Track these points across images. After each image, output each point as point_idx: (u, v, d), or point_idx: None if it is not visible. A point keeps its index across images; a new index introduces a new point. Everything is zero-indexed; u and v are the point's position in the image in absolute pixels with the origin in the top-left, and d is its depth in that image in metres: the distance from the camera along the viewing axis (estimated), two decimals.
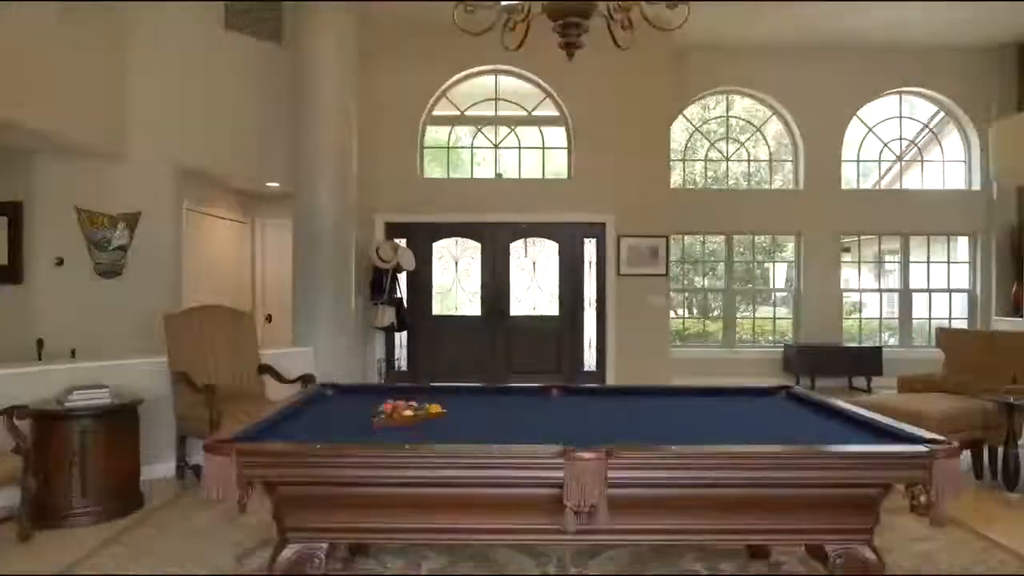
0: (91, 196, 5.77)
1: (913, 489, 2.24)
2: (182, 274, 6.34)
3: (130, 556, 3.28)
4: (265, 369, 4.96)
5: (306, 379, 4.66)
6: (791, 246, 9.18)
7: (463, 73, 8.14)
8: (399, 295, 7.68)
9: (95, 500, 3.75)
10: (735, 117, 9.19)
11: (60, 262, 5.67)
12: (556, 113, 8.26)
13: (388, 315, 7.47)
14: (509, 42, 3.26)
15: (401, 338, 8.17)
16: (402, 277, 8.02)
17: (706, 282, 9.30)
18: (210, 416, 4.14)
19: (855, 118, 9.10)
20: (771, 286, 9.29)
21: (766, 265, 9.36)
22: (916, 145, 9.36)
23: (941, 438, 2.29)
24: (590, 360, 8.21)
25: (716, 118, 9.24)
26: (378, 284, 7.53)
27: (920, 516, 2.27)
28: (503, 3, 3.15)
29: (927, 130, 9.33)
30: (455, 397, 3.26)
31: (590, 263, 8.19)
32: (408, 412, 2.72)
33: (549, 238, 8.18)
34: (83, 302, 5.71)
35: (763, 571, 3.15)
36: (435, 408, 2.82)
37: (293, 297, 5.48)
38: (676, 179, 8.97)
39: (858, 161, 9.21)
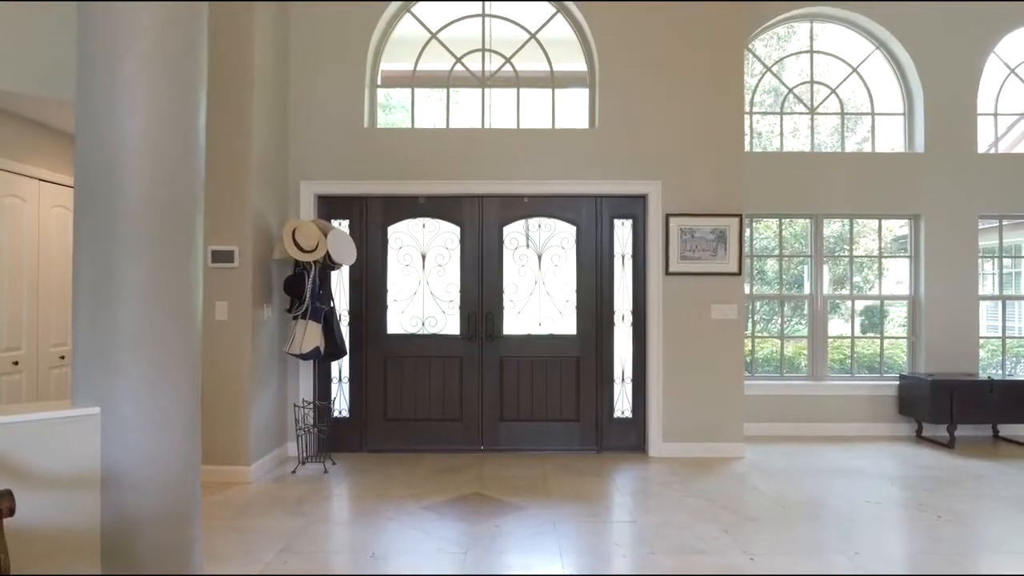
0: None
1: None
2: None
3: None
4: None
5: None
6: (906, 233, 6.48)
7: None
8: (331, 304, 5.00)
9: None
10: (822, 53, 6.50)
11: None
12: (572, 33, 5.60)
13: (311, 335, 4.78)
14: None
15: (340, 369, 5.48)
16: (339, 275, 5.36)
17: (801, 284, 6.57)
18: None
19: (993, 55, 6.42)
20: (878, 292, 6.55)
21: (878, 259, 6.62)
22: None
23: None
24: (623, 402, 5.50)
25: (795, 53, 6.55)
26: (296, 286, 4.85)
27: None
28: None
29: None
30: None
31: (623, 256, 5.51)
32: None
33: (562, 219, 5.50)
34: None
35: None
36: None
37: (73, 315, 2.81)
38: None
39: (995, 115, 6.52)
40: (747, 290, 6.28)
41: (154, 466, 2.81)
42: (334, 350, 4.98)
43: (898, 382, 6.18)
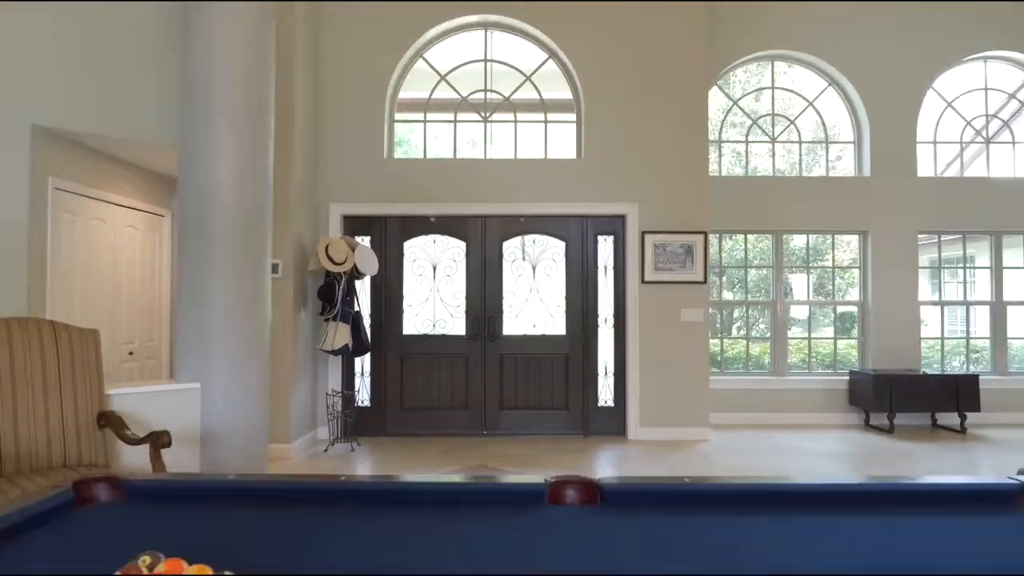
0: None
1: None
2: (47, 275, 4.57)
3: None
4: (107, 417, 3.15)
5: (157, 439, 2.86)
6: (855, 247, 7.38)
7: (443, 26, 6.42)
8: (357, 308, 5.89)
9: None
10: (782, 89, 7.43)
11: None
12: (562, 74, 6.52)
13: (341, 334, 5.67)
14: None
15: (362, 364, 6.37)
16: (362, 285, 6.25)
17: (764, 292, 7.45)
18: None
19: (931, 90, 7.35)
20: (832, 298, 7.46)
21: (832, 269, 7.52)
22: (1002, 120, 7.56)
23: None
24: (606, 393, 6.39)
25: (758, 90, 7.47)
26: (328, 293, 5.75)
27: None
28: None
29: (1013, 99, 7.55)
30: (370, 510, 1.48)
31: (606, 267, 6.41)
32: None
33: (553, 235, 6.41)
34: None
35: None
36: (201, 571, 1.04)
37: (175, 311, 3.72)
38: (711, 164, 7.22)
39: (935, 143, 7.44)
40: (719, 297, 7.17)
41: (237, 428, 3.69)
42: (359, 347, 5.87)
43: (848, 377, 7.06)
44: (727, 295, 7.41)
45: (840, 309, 7.42)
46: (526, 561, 1.30)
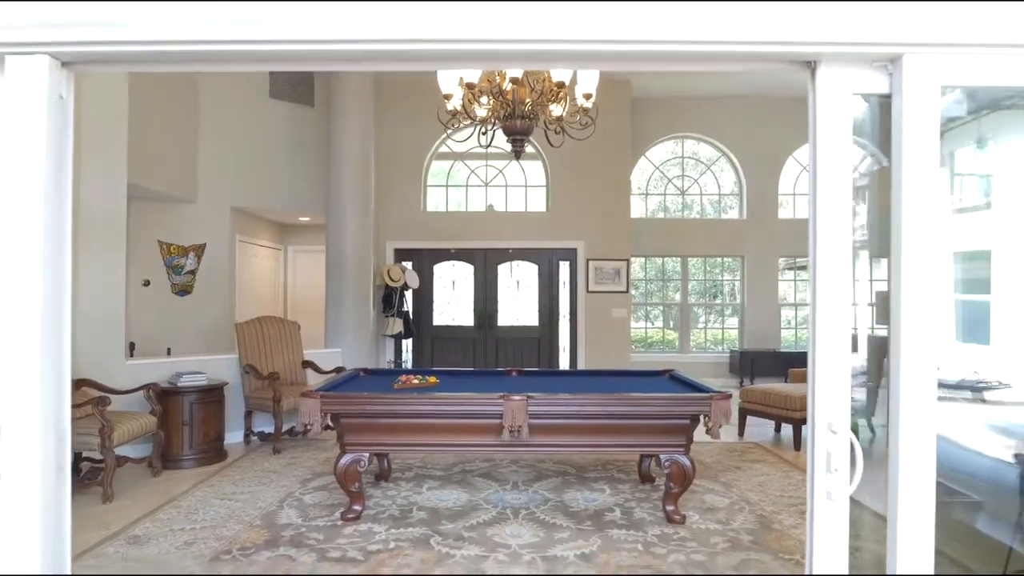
0: (170, 231, 7.48)
1: (705, 420, 3.90)
2: (235, 292, 8.04)
3: (231, 482, 4.93)
4: (307, 363, 6.62)
5: (338, 370, 6.32)
6: (737, 266, 10.83)
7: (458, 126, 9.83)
8: (406, 308, 9.34)
9: (197, 451, 5.41)
10: (691, 158, 10.88)
11: (147, 283, 7.36)
12: (535, 152, 9.96)
13: (397, 325, 9.14)
14: (484, 142, 4.97)
15: (407, 344, 9.83)
16: (408, 294, 9.70)
17: (676, 296, 10.91)
18: (273, 396, 5.80)
19: (791, 158, 10.78)
20: (722, 300, 10.94)
21: (722, 281, 11.00)
22: None
23: (720, 390, 3.96)
24: (564, 362, 9.85)
25: (675, 158, 10.93)
26: (388, 299, 9.21)
27: (709, 434, 3.92)
28: (478, 118, 4.86)
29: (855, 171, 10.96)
30: (447, 375, 4.95)
31: (564, 282, 9.86)
32: (415, 380, 4.40)
33: (530, 261, 9.85)
34: (163, 314, 7.41)
35: (648, 488, 4.76)
36: (432, 379, 4.50)
37: (325, 309, 7.18)
38: (641, 210, 10.67)
39: (794, 195, 10.88)
40: (645, 300, 10.61)
41: None
42: (408, 333, 9.31)
43: (729, 353, 10.52)
44: (676, 296, 10.87)
45: (726, 307, 10.88)
46: (507, 386, 4.77)
